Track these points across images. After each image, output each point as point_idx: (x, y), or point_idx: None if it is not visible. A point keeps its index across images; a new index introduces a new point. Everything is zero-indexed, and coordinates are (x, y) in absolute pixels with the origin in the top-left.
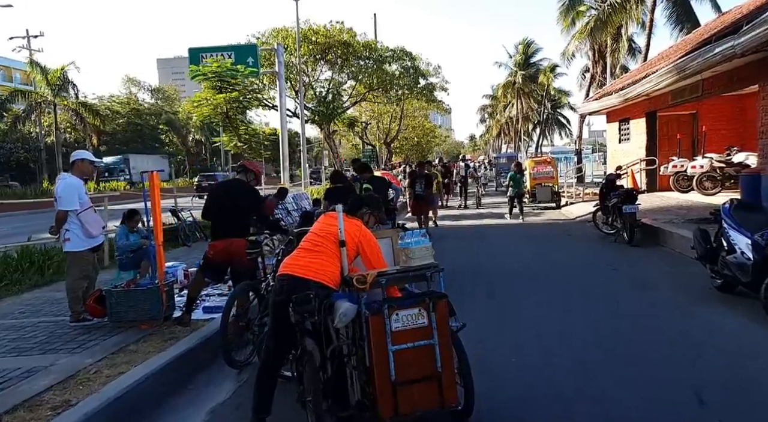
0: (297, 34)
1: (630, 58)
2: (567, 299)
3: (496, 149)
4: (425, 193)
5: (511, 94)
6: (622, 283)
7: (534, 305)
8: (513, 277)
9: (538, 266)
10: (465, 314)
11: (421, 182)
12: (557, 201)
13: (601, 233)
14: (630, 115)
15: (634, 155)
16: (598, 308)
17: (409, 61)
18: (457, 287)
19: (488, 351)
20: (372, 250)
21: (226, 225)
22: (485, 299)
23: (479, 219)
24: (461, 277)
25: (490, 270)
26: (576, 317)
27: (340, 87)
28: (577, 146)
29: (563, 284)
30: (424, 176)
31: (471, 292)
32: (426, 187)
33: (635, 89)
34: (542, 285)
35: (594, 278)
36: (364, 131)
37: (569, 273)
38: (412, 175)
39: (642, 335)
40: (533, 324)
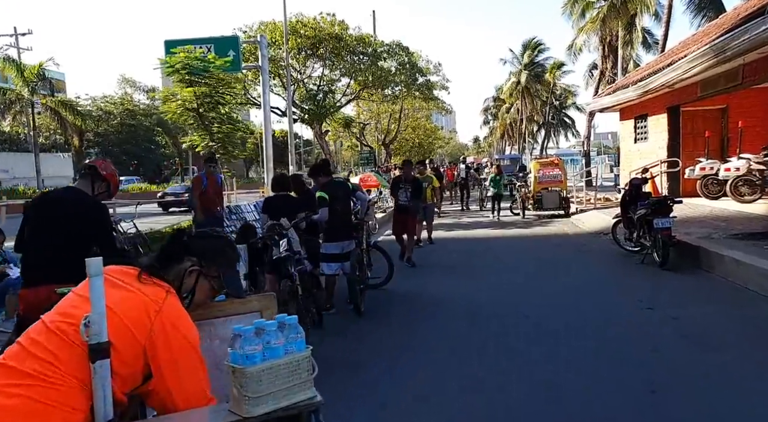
0: (284, 24)
1: (644, 51)
2: (587, 361)
3: (500, 151)
4: (411, 204)
5: (515, 94)
6: (666, 334)
7: (540, 366)
8: (512, 321)
9: (545, 303)
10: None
11: (407, 188)
12: (566, 208)
13: (622, 250)
14: (648, 111)
15: (652, 155)
16: (634, 382)
17: (405, 56)
18: (438, 336)
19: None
20: (176, 368)
21: (45, 263)
22: (474, 356)
23: (475, 229)
24: (444, 320)
25: (483, 308)
26: (602, 392)
27: (333, 84)
28: (585, 147)
29: (581, 335)
30: (411, 180)
31: (457, 346)
32: (414, 195)
33: (658, 79)
34: (551, 335)
35: (623, 324)
36: (361, 132)
37: (588, 315)
38: (396, 180)
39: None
40: (538, 407)
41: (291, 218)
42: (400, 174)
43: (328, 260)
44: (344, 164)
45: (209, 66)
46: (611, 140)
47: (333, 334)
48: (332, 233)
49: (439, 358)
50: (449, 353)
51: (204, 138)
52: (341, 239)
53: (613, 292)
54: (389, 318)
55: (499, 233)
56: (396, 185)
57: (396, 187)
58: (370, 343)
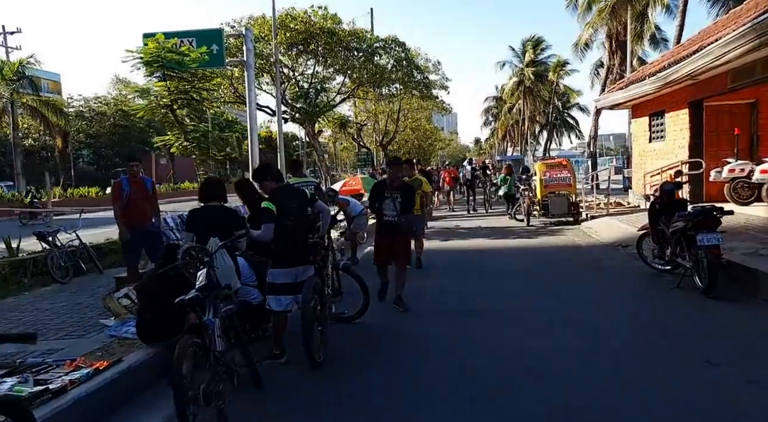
0: (273, 16)
1: (651, 48)
2: None
3: (501, 152)
4: (401, 221)
5: (517, 94)
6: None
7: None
8: (520, 380)
9: (563, 367)
10: None
11: (395, 198)
12: (575, 215)
13: (649, 268)
14: (665, 106)
15: (670, 156)
16: None
17: (402, 52)
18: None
19: None
20: None
21: None
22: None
23: (474, 238)
24: (430, 380)
25: (480, 360)
26: None
27: (326, 82)
28: (591, 147)
29: (618, 416)
30: (399, 186)
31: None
32: (404, 207)
33: (683, 68)
34: (574, 402)
35: (681, 398)
36: (359, 133)
37: (623, 374)
38: (379, 187)
39: None
40: None
41: (224, 238)
42: (385, 178)
43: (277, 291)
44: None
45: (184, 59)
46: (612, 142)
47: (276, 399)
48: (282, 256)
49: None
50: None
51: (178, 137)
52: (294, 264)
53: (653, 335)
54: (357, 371)
55: (501, 244)
56: (379, 194)
57: (379, 196)
58: (325, 415)
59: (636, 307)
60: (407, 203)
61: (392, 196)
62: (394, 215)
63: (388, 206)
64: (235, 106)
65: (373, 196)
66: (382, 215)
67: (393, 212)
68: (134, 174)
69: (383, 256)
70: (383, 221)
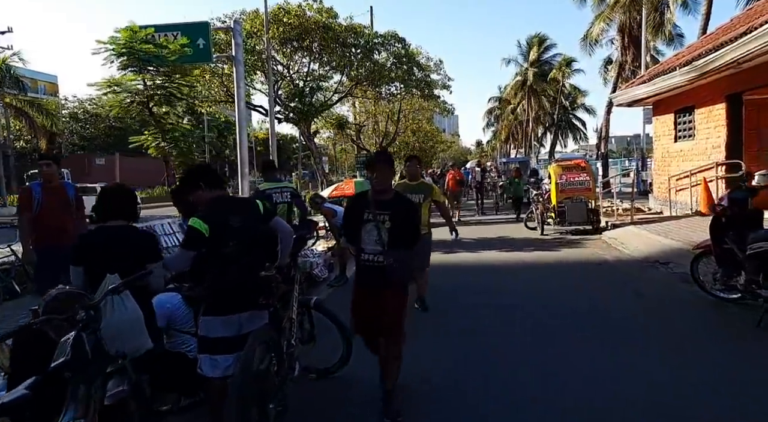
0: (265, 7)
1: (665, 44)
2: None
3: (504, 154)
4: (391, 263)
5: (521, 94)
6: None
7: None
8: None
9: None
10: None
11: (380, 221)
12: (595, 223)
13: (705, 294)
14: (695, 101)
15: (701, 157)
16: None
17: (402, 49)
18: None
19: None
20: None
21: None
22: None
23: (484, 249)
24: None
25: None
26: None
27: (322, 80)
28: (602, 148)
29: None
30: (389, 203)
31: None
32: (397, 237)
33: (727, 54)
34: None
35: None
36: (358, 134)
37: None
38: (356, 202)
39: None
40: None
41: (131, 273)
42: (367, 192)
43: (212, 349)
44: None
45: (162, 51)
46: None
47: None
48: (218, 299)
49: None
50: None
51: (156, 137)
52: (235, 309)
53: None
54: None
55: (515, 260)
56: (355, 214)
57: (355, 218)
58: None
59: (713, 360)
60: (404, 231)
61: (377, 218)
62: (379, 252)
63: (370, 235)
64: (229, 105)
65: (348, 217)
66: (361, 249)
67: (377, 247)
68: (48, 178)
69: (365, 323)
70: (362, 263)
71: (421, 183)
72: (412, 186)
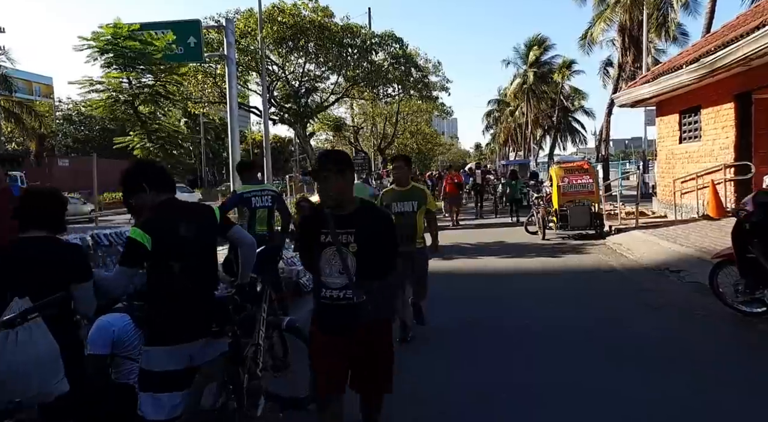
0: (259, 6)
1: (668, 42)
2: None
3: (503, 157)
4: (360, 301)
5: (520, 96)
6: None
7: None
8: None
9: None
10: None
11: (345, 243)
12: (599, 227)
13: (729, 309)
14: (702, 101)
15: (708, 158)
16: None
17: (400, 49)
18: None
19: None
20: None
21: None
22: None
23: (483, 254)
24: None
25: None
26: None
27: (318, 81)
28: (603, 151)
29: None
30: (357, 217)
31: None
32: (370, 266)
33: (738, 50)
34: None
35: None
36: (355, 136)
37: None
38: (309, 219)
39: None
40: None
41: (47, 295)
42: (317, 202)
43: (155, 385)
44: None
45: (147, 49)
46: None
47: None
48: (163, 327)
49: None
50: None
51: (141, 138)
52: (185, 339)
53: None
54: None
55: (517, 267)
56: (308, 237)
57: (309, 242)
58: None
59: (750, 385)
60: (377, 254)
61: (338, 240)
62: (346, 286)
63: (332, 264)
64: (223, 107)
65: (300, 241)
66: (321, 284)
67: (343, 280)
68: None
69: (328, 376)
70: (322, 301)
71: (413, 188)
72: (401, 193)
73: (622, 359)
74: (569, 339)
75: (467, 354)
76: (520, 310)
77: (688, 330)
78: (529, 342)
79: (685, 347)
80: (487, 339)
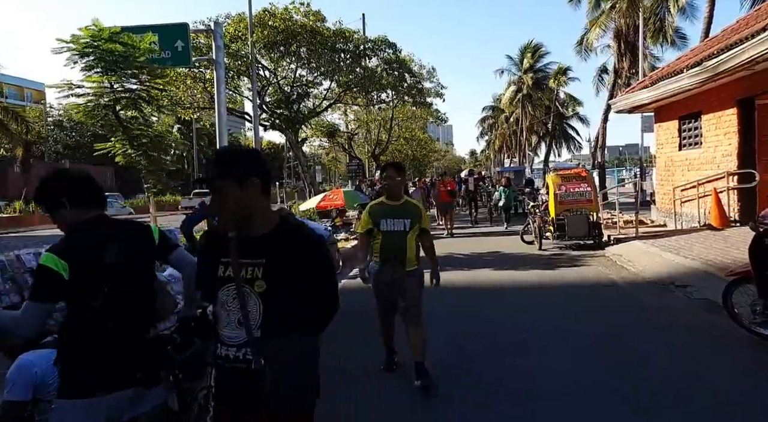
0: (249, 9)
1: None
2: None
3: (498, 163)
4: (259, 368)
5: (515, 103)
6: None
7: None
8: None
9: None
10: None
11: (250, 274)
12: (597, 237)
13: (746, 331)
14: (702, 106)
15: (709, 165)
16: None
17: (393, 53)
18: None
19: None
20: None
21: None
22: None
23: (477, 266)
24: None
25: None
26: None
27: (310, 87)
28: (599, 157)
29: None
30: (274, 242)
31: None
32: (296, 299)
33: (743, 53)
34: None
35: None
36: (349, 143)
37: None
38: (209, 245)
39: None
40: None
41: None
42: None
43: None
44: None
45: (129, 52)
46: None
47: None
48: (80, 373)
49: None
50: None
51: (124, 144)
52: (108, 388)
53: None
54: None
55: (513, 281)
56: (207, 268)
57: (208, 274)
58: None
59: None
60: (297, 296)
61: (241, 275)
62: (244, 342)
63: (229, 309)
64: (212, 112)
65: (199, 272)
66: (217, 338)
67: (240, 336)
68: None
69: None
70: (219, 362)
71: (406, 204)
72: (393, 208)
73: (632, 389)
74: (568, 362)
75: (463, 392)
76: (512, 331)
77: (700, 353)
78: (522, 369)
79: (697, 372)
80: (483, 378)
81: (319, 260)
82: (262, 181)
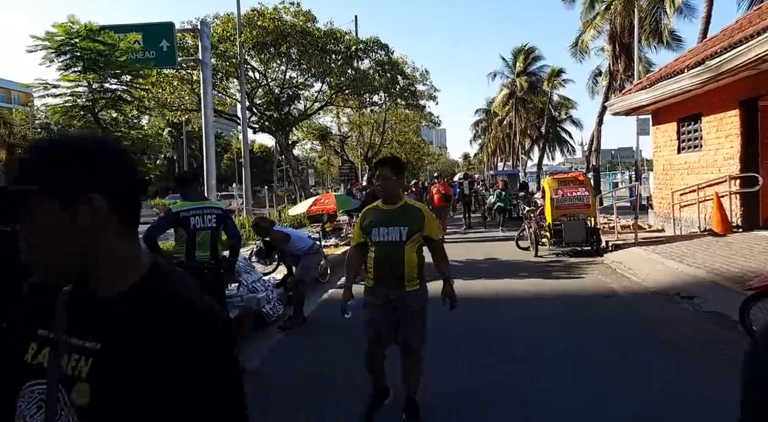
0: (237, 8)
1: (654, 53)
2: None
3: (491, 167)
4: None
5: (509, 107)
6: None
7: None
8: None
9: None
10: None
11: (72, 370)
12: (595, 243)
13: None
14: (702, 108)
15: (709, 169)
16: None
17: (385, 55)
18: None
19: None
20: None
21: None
22: None
23: (472, 276)
24: None
25: None
26: None
27: (301, 88)
28: (594, 161)
29: None
30: (126, 316)
31: None
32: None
33: (750, 51)
34: None
35: None
36: (341, 146)
37: None
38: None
39: None
40: None
41: None
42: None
43: None
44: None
45: (109, 51)
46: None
47: None
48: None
49: None
50: None
51: None
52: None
53: None
54: None
55: (508, 290)
56: (5, 356)
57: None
58: None
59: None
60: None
61: (55, 372)
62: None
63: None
64: (200, 114)
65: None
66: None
67: None
68: None
69: None
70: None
71: (405, 207)
72: (388, 213)
73: (629, 403)
74: (569, 385)
75: (458, 405)
76: (508, 349)
77: (708, 367)
78: (521, 393)
79: (704, 388)
80: (479, 389)
81: (211, 366)
82: (110, 200)
